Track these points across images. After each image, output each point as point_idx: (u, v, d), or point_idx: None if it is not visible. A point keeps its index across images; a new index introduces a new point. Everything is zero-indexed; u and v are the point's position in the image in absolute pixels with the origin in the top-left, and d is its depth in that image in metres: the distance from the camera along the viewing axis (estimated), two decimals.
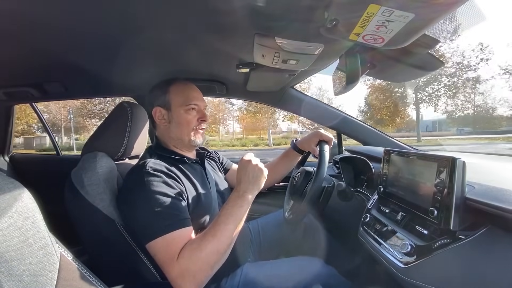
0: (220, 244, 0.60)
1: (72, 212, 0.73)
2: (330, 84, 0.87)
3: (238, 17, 0.56)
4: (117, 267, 0.74)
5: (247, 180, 0.68)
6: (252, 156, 0.72)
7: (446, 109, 17.51)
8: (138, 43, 0.75)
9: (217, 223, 0.62)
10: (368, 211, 0.76)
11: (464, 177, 0.50)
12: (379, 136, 1.26)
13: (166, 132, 0.82)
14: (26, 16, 0.58)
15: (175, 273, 0.57)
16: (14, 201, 0.36)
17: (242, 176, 0.69)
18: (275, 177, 1.09)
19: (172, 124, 0.80)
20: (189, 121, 0.80)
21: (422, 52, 0.66)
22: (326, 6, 0.46)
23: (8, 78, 1.13)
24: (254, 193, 0.68)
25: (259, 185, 0.69)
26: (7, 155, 1.71)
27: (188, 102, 0.80)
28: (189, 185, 0.74)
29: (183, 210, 0.66)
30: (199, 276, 0.58)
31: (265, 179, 0.70)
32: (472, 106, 19.18)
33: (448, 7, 0.40)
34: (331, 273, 0.79)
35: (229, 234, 0.62)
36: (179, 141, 0.82)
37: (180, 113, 0.80)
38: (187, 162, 0.81)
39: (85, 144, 0.84)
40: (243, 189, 0.67)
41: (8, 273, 0.33)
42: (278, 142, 19.00)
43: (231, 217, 0.63)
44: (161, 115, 0.81)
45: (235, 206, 0.65)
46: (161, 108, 0.80)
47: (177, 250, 0.59)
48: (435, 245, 0.51)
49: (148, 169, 0.68)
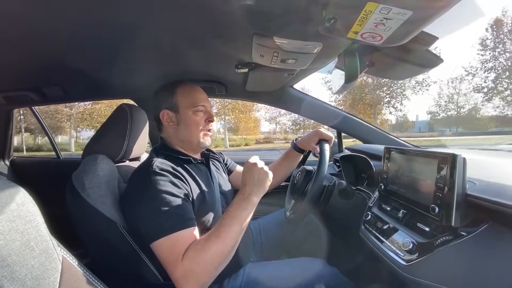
0: (225, 246, 0.60)
1: (73, 215, 0.73)
2: (312, 85, 0.88)
3: (236, 17, 0.56)
4: (120, 269, 0.74)
5: (252, 183, 0.68)
6: (258, 159, 0.72)
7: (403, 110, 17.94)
8: (137, 45, 0.75)
9: (221, 224, 0.63)
10: (369, 209, 0.76)
11: (465, 174, 0.50)
12: (380, 134, 1.26)
13: (175, 134, 0.82)
14: (25, 19, 0.58)
15: (178, 274, 0.57)
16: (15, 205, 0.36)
17: (247, 179, 0.69)
18: (277, 179, 1.09)
19: (181, 126, 0.81)
20: (197, 122, 0.81)
21: (420, 49, 0.66)
22: (324, 5, 0.46)
23: (7, 82, 1.13)
24: (259, 195, 0.68)
25: (264, 188, 0.69)
26: (7, 159, 1.71)
27: (196, 104, 0.81)
28: (194, 185, 0.75)
29: (189, 211, 0.66)
30: (203, 277, 0.58)
31: (270, 182, 0.71)
32: (456, 107, 19.29)
33: (446, 4, 0.40)
34: (334, 274, 0.79)
35: (234, 236, 0.62)
36: (188, 142, 0.82)
37: (188, 115, 0.80)
38: (193, 163, 0.82)
39: (86, 146, 0.84)
40: (248, 191, 0.67)
41: (11, 277, 0.33)
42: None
43: (236, 219, 0.63)
44: (169, 118, 0.81)
45: (239, 209, 0.65)
46: (168, 110, 0.81)
47: (182, 251, 0.59)
48: (437, 242, 0.51)
49: (155, 168, 0.68)
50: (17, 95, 1.26)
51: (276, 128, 24.27)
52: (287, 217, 0.88)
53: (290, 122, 23.89)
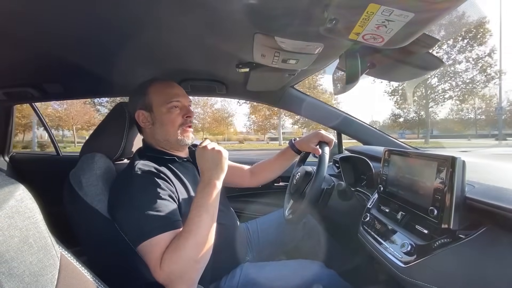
0: (198, 237, 0.58)
1: (70, 213, 0.73)
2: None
3: (238, 16, 0.56)
4: (117, 267, 0.74)
5: (209, 167, 0.66)
6: (208, 142, 0.70)
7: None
8: (138, 43, 0.75)
9: (190, 218, 0.61)
10: (368, 211, 0.76)
11: (464, 176, 0.50)
12: (380, 136, 1.26)
13: (152, 134, 0.80)
14: (26, 17, 0.58)
15: (161, 279, 0.56)
16: (14, 201, 0.36)
17: (203, 165, 0.67)
18: (270, 175, 1.09)
19: (156, 126, 0.78)
20: (173, 120, 0.78)
21: (421, 52, 0.66)
22: (325, 6, 0.46)
23: (8, 78, 1.13)
24: (219, 177, 0.66)
25: (222, 168, 0.67)
26: (7, 155, 1.71)
27: (169, 100, 0.77)
28: (179, 185, 0.73)
29: (173, 212, 0.64)
30: (186, 274, 0.57)
31: (226, 160, 0.68)
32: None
33: (448, 6, 0.40)
34: (332, 276, 0.79)
35: (205, 226, 0.60)
36: (166, 142, 0.80)
37: (162, 113, 0.77)
38: (178, 161, 0.80)
39: (84, 145, 0.84)
40: (207, 177, 0.65)
41: (9, 273, 0.33)
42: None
43: (202, 208, 0.61)
44: (145, 118, 0.78)
45: (203, 197, 0.62)
46: (143, 111, 0.78)
47: (161, 255, 0.57)
48: (435, 244, 0.51)
49: (137, 170, 0.67)
50: (17, 91, 1.26)
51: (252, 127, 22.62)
52: (285, 217, 0.88)
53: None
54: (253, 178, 1.08)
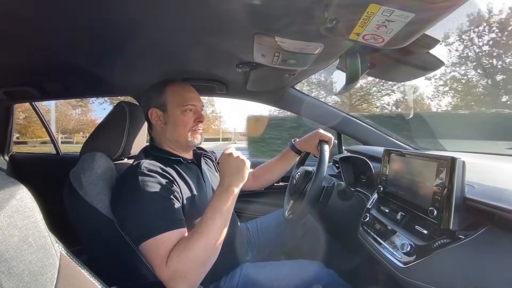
0: (209, 240, 0.59)
1: (71, 212, 0.73)
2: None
3: (238, 16, 0.56)
4: (117, 266, 0.74)
5: (230, 173, 0.67)
6: (233, 149, 0.71)
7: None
8: (138, 43, 0.75)
9: (203, 219, 0.61)
10: (367, 211, 0.76)
11: (463, 177, 0.50)
12: (380, 136, 1.26)
13: (162, 133, 0.82)
14: (26, 16, 0.58)
15: (165, 276, 0.56)
16: (14, 201, 0.36)
17: (225, 170, 0.68)
18: (271, 177, 1.09)
19: (169, 126, 0.80)
20: (185, 122, 0.79)
21: (422, 52, 0.66)
22: (326, 6, 0.46)
23: (8, 78, 1.13)
24: (238, 185, 0.67)
25: (243, 177, 0.68)
26: (7, 154, 1.71)
27: (185, 103, 0.79)
28: (184, 186, 0.74)
29: (177, 212, 0.65)
30: (191, 275, 0.57)
31: (248, 170, 0.70)
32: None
33: (448, 7, 0.40)
34: (331, 276, 0.79)
35: (217, 230, 0.61)
36: (176, 142, 0.81)
37: (176, 114, 0.79)
38: (183, 163, 0.81)
39: (84, 144, 0.84)
40: (227, 182, 0.66)
41: (8, 272, 0.33)
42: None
43: (217, 212, 0.62)
44: (157, 117, 0.80)
45: (220, 201, 0.64)
46: (157, 109, 0.80)
47: (166, 253, 0.58)
48: (435, 245, 0.51)
49: (143, 169, 0.67)
50: (17, 90, 1.26)
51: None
52: (285, 217, 0.88)
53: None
54: (255, 182, 1.09)
